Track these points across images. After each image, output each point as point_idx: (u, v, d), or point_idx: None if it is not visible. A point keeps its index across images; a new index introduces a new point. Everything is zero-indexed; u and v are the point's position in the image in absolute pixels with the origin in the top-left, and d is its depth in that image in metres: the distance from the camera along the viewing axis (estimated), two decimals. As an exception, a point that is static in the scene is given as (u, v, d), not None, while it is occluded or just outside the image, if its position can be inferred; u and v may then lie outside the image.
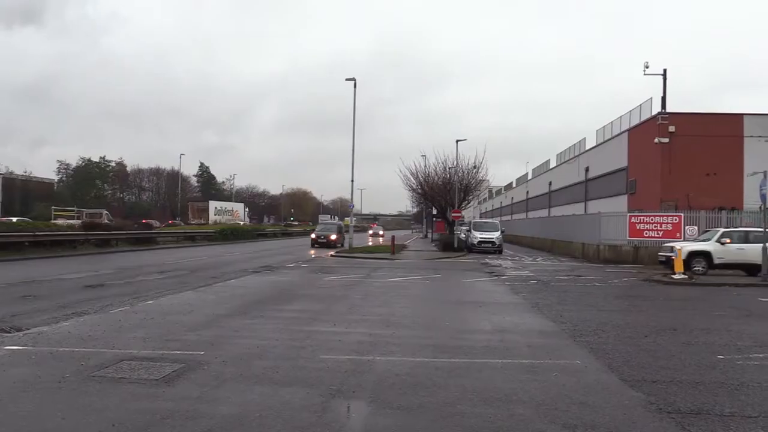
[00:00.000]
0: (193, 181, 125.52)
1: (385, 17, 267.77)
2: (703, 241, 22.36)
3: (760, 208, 20.30)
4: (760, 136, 28.32)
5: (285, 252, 36.54)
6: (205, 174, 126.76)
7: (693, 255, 21.40)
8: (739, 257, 21.27)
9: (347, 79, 37.25)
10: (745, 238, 21.64)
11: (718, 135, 28.35)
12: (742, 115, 29.15)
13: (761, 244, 19.42)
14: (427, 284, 18.45)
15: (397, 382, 6.70)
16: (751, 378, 7.14)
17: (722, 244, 21.37)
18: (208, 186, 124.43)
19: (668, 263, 21.00)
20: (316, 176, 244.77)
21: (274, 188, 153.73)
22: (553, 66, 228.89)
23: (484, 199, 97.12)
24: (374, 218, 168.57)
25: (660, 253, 22.68)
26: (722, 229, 22.93)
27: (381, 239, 59.57)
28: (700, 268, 21.17)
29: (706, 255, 21.42)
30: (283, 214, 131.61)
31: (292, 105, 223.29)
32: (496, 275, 21.13)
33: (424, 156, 49.01)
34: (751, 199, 25.16)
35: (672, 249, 21.10)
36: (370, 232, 69.02)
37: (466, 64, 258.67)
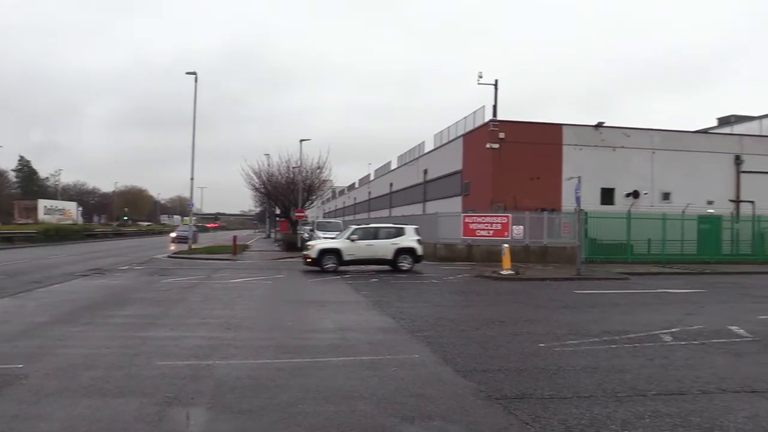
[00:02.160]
0: (12, 176, 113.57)
1: (235, 19, 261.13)
2: (345, 239, 23.29)
3: (575, 209, 22.44)
4: (576, 145, 31.28)
5: (118, 254, 34.31)
6: (25, 169, 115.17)
7: (324, 252, 22.50)
8: (368, 253, 22.69)
9: (188, 73, 35.76)
10: (375, 235, 23.34)
11: (541, 142, 30.89)
12: (561, 125, 31.99)
13: (388, 240, 22.52)
14: (270, 285, 18.25)
15: (238, 386, 6.56)
16: (566, 363, 7.88)
17: (352, 241, 22.61)
18: (30, 182, 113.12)
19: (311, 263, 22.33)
20: (155, 174, 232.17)
21: (107, 186, 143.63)
22: (398, 73, 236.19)
23: (328, 199, 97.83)
24: (215, 218, 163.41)
25: (305, 252, 23.74)
26: (354, 227, 24.92)
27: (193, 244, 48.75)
28: (330, 265, 22.12)
29: (336, 252, 22.52)
30: (115, 213, 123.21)
31: (131, 101, 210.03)
32: (339, 274, 21.41)
33: (267, 155, 48.30)
34: (568, 201, 27.65)
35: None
36: (173, 235, 52.50)
37: (313, 68, 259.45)
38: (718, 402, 6.21)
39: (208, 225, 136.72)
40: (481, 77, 32.93)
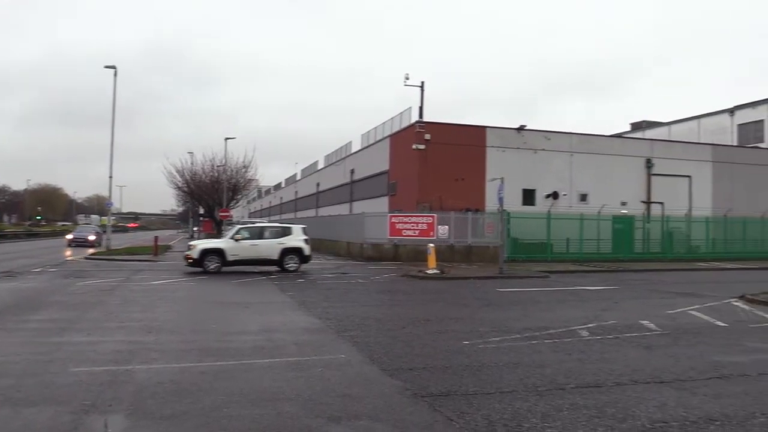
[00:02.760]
0: None
1: (160, 15, 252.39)
2: (229, 238, 22.69)
3: (498, 209, 23.03)
4: (499, 147, 32.10)
5: (31, 255, 32.55)
6: None
7: (206, 252, 21.84)
8: (253, 253, 22.18)
9: (106, 67, 34.47)
10: (260, 234, 23.01)
11: (466, 144, 31.52)
12: (485, 127, 32.76)
13: (274, 240, 22.41)
14: (193, 286, 17.79)
15: (159, 391, 6.37)
16: (490, 359, 8.09)
17: (236, 240, 22.09)
18: None
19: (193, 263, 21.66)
20: (71, 173, 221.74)
21: (18, 184, 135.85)
22: (326, 74, 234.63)
23: (254, 199, 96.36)
24: (135, 217, 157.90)
25: (186, 253, 22.91)
26: (238, 226, 24.72)
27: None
28: (213, 266, 21.50)
29: (219, 252, 21.88)
30: (27, 213, 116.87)
31: (45, 96, 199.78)
32: (264, 275, 21.13)
33: (191, 153, 47.30)
34: (491, 202, 28.33)
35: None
36: (69, 237, 44.77)
37: (240, 67, 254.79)
38: (630, 393, 6.53)
39: (129, 225, 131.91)
40: (407, 79, 33.31)
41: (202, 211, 52.82)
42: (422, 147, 30.82)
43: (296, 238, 22.95)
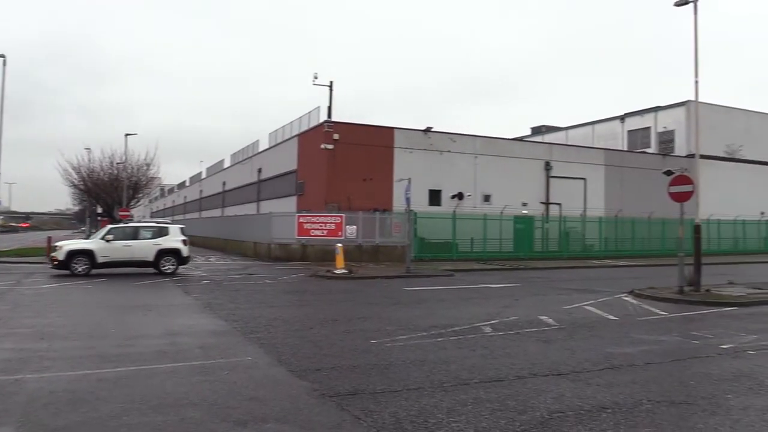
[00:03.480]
0: None
1: (56, 6, 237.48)
2: (99, 239, 21.50)
3: (405, 209, 23.37)
4: (406, 148, 32.59)
5: None
6: None
7: (74, 254, 20.54)
8: (126, 254, 21.06)
9: (-8, 56, 32.01)
10: (134, 235, 21.73)
11: (374, 145, 31.78)
12: (393, 128, 33.15)
13: (150, 241, 21.47)
14: (90, 289, 16.91)
15: (52, 401, 6.03)
16: (397, 357, 8.20)
17: (108, 241, 20.89)
18: None
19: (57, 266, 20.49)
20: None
21: None
22: (234, 72, 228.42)
23: (156, 198, 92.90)
24: (26, 217, 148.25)
25: (52, 254, 21.61)
26: (109, 226, 23.30)
27: None
28: (82, 268, 20.37)
29: (88, 253, 20.65)
30: None
31: None
32: (167, 276, 20.43)
33: (88, 149, 44.77)
34: (399, 202, 28.74)
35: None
36: None
37: (143, 64, 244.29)
38: (530, 386, 6.82)
39: (21, 225, 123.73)
40: (316, 78, 33.13)
41: (100, 210, 50.30)
42: (330, 147, 30.79)
43: (173, 239, 21.88)
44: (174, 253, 21.74)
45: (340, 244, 23.13)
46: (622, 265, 30.06)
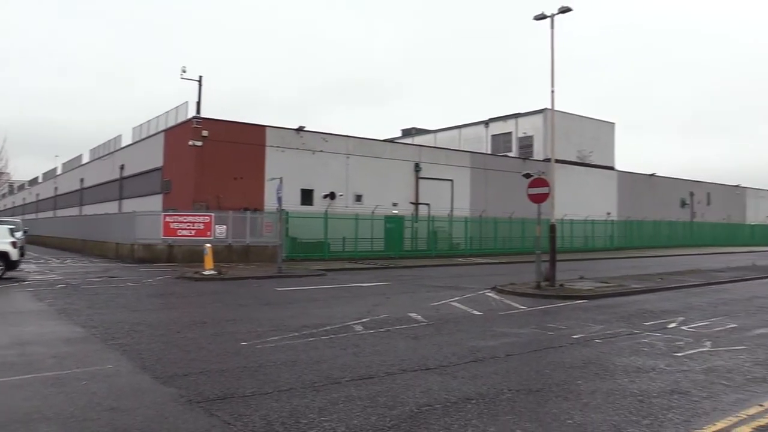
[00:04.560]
0: None
1: None
2: None
3: (277, 209, 23.12)
4: (278, 147, 32.20)
5: None
6: None
7: None
8: None
9: None
10: None
11: (245, 143, 31.10)
12: (265, 126, 32.60)
13: None
14: None
15: None
16: (268, 359, 8.10)
17: None
18: None
19: None
20: None
21: None
22: (91, 62, 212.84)
23: (4, 195, 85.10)
24: None
25: None
26: None
27: None
28: None
29: None
30: None
31: None
32: (17, 281, 18.81)
33: None
34: (270, 201, 28.37)
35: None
36: None
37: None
38: (400, 381, 7.01)
39: None
40: (184, 72, 31.98)
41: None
42: (199, 144, 29.76)
43: (1, 241, 19.65)
44: (1, 256, 19.39)
45: (208, 245, 22.43)
46: (486, 262, 31.61)
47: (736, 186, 69.84)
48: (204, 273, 20.63)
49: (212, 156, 29.77)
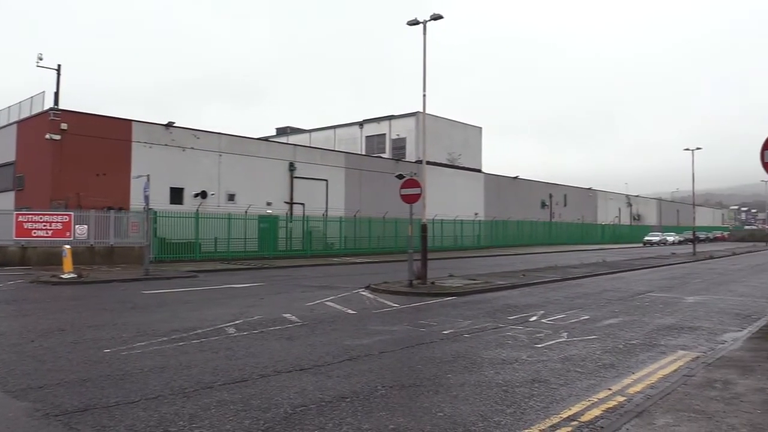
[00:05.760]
0: None
1: None
2: None
3: (144, 208, 22.06)
4: (146, 143, 30.70)
5: None
6: None
7: None
8: None
9: None
10: None
11: (109, 138, 29.34)
12: (131, 121, 30.95)
13: None
14: None
15: None
16: (134, 366, 7.73)
17: None
18: None
19: None
20: None
21: None
22: None
23: None
24: None
25: None
26: None
27: None
28: None
29: None
30: None
31: None
32: None
33: None
34: (137, 200, 27.03)
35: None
36: None
37: None
38: (274, 383, 6.95)
39: None
40: (41, 59, 29.66)
41: None
42: (57, 137, 27.71)
43: None
44: None
45: (68, 246, 20.92)
46: (360, 262, 31.99)
47: (589, 189, 75.74)
48: (63, 276, 19.24)
49: (72, 151, 27.86)
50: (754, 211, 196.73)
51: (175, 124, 32.06)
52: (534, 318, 12.37)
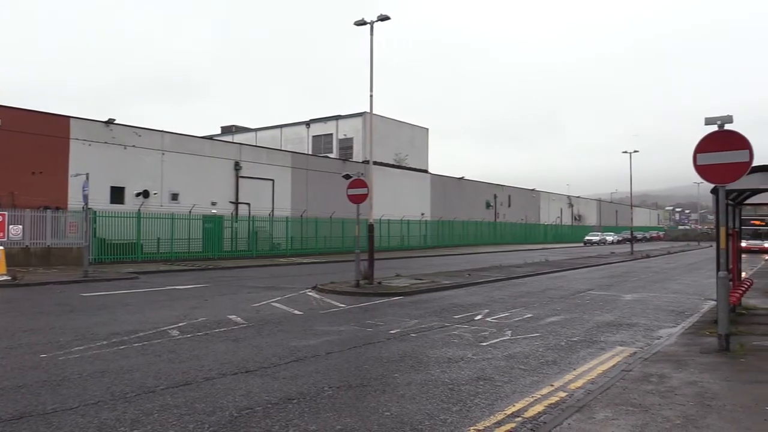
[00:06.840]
0: None
1: None
2: None
3: (83, 207, 21.37)
4: (85, 140, 29.73)
5: None
6: None
7: None
8: None
9: None
10: None
11: (46, 134, 28.27)
12: (69, 117, 29.91)
13: None
14: None
15: None
16: (72, 371, 7.48)
17: None
18: None
19: None
20: None
21: None
22: None
23: None
24: None
25: None
26: None
27: None
28: None
29: None
30: None
31: None
32: None
33: None
34: (75, 199, 26.16)
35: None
36: None
37: None
38: (219, 386, 6.84)
39: None
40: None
41: None
42: (-12, 134, 26.52)
43: None
44: None
45: (1, 247, 20.09)
46: (307, 262, 31.80)
47: (532, 190, 77.41)
48: (-6, 279, 18.45)
49: (5, 147, 26.73)
50: (687, 211, 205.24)
51: (115, 122, 31.16)
52: (479, 317, 12.56)
